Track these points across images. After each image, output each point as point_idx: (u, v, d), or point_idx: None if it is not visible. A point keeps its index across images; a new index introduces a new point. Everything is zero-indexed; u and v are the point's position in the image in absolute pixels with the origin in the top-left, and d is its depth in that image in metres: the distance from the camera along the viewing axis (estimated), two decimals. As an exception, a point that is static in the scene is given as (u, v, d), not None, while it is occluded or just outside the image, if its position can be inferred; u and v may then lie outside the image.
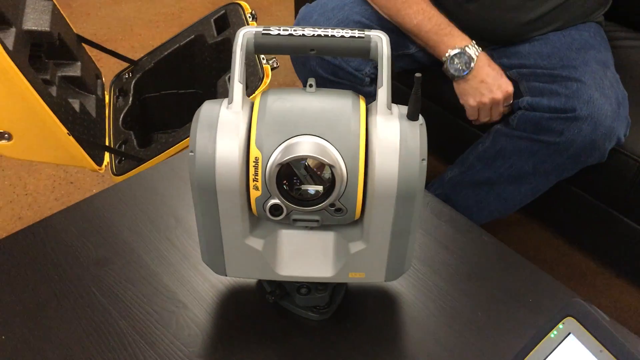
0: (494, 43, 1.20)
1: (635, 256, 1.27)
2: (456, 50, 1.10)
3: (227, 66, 1.27)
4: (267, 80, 1.17)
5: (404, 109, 0.63)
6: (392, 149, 0.60)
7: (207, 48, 1.37)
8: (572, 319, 0.63)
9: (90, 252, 0.85)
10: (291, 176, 0.60)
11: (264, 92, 0.64)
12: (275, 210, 0.62)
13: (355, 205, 0.62)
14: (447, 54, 1.11)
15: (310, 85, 0.64)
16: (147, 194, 0.94)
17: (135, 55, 1.62)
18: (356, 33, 0.63)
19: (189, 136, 1.23)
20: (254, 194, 0.62)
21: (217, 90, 1.27)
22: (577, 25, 1.15)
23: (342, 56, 0.72)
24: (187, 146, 1.24)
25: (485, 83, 1.10)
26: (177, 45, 1.41)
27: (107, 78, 1.60)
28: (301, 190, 0.60)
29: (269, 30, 0.63)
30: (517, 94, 1.13)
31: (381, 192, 0.61)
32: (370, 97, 1.27)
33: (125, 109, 1.36)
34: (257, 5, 2.52)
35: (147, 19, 2.44)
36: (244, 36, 0.63)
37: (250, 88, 1.19)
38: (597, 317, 0.62)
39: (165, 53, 1.42)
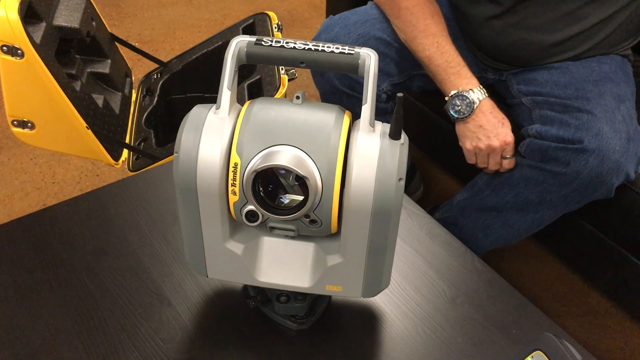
0: (513, 65, 1.19)
1: (647, 299, 1.23)
2: (459, 92, 1.09)
3: (248, 73, 1.29)
4: (282, 90, 1.19)
5: (388, 127, 0.64)
6: (369, 166, 0.61)
7: (233, 55, 1.40)
8: (541, 353, 0.63)
9: (88, 242, 0.88)
10: (267, 184, 0.61)
11: (252, 101, 0.66)
12: (251, 216, 0.64)
13: (330, 218, 0.63)
14: (450, 94, 1.10)
15: (298, 97, 0.65)
16: (150, 191, 0.97)
17: (173, 58, 1.67)
18: (346, 49, 0.64)
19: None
20: (232, 199, 0.63)
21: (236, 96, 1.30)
22: (598, 57, 1.13)
23: (330, 71, 0.73)
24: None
25: (484, 129, 1.09)
26: (205, 50, 1.44)
27: (141, 77, 1.65)
28: (275, 198, 0.61)
29: (262, 40, 0.64)
30: (529, 121, 1.12)
31: (356, 208, 0.62)
32: (387, 114, 1.27)
33: (150, 108, 1.40)
34: (298, 17, 2.56)
35: (190, 24, 2.50)
36: (236, 45, 0.64)
37: (267, 95, 1.21)
38: (565, 353, 0.61)
39: (194, 57, 1.46)
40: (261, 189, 0.61)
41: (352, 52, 0.64)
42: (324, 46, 0.64)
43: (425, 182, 1.64)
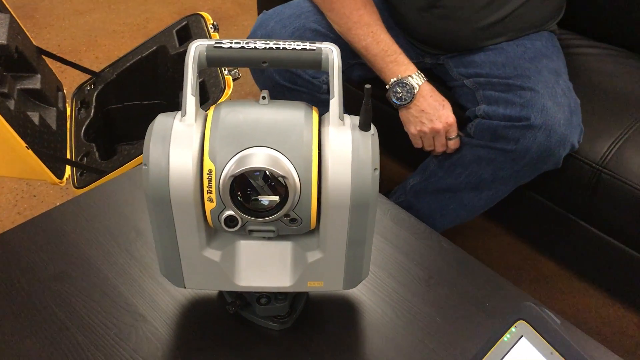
0: (450, 51, 1.22)
1: (594, 259, 1.30)
2: (399, 79, 1.12)
3: (189, 77, 1.27)
4: (228, 91, 1.17)
5: (357, 119, 0.64)
6: (344, 160, 0.61)
7: (169, 59, 1.37)
8: (524, 322, 0.65)
9: (48, 267, 0.84)
10: (245, 187, 0.60)
11: (217, 105, 0.65)
12: (230, 221, 0.63)
13: (309, 215, 0.63)
14: (390, 82, 1.13)
15: (264, 97, 0.64)
16: (106, 207, 0.94)
17: (100, 67, 1.61)
18: (307, 45, 0.64)
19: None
20: (209, 206, 0.62)
21: (180, 101, 1.27)
22: (529, 35, 1.18)
23: (294, 68, 0.73)
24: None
25: (426, 113, 1.12)
26: (140, 56, 1.41)
27: (70, 90, 1.59)
28: (255, 201, 0.61)
29: (221, 43, 0.63)
30: (473, 102, 1.15)
31: (335, 202, 0.62)
32: (328, 105, 1.28)
33: (87, 121, 1.35)
34: (223, 16, 2.52)
35: (111, 30, 2.42)
36: (196, 49, 0.63)
37: (212, 99, 1.19)
38: (547, 320, 0.64)
39: (128, 64, 1.42)
40: (239, 193, 0.61)
41: (314, 47, 0.64)
42: (284, 44, 0.64)
43: (372, 169, 1.66)
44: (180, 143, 0.61)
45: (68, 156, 1.28)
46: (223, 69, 1.21)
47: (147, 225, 0.90)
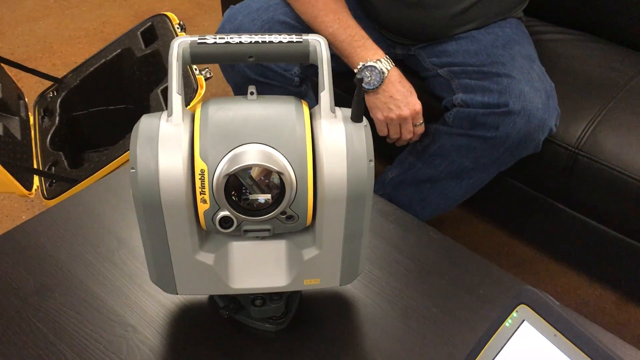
0: (421, 41, 1.22)
1: (572, 240, 1.32)
2: (368, 64, 1.11)
3: (157, 79, 1.23)
4: (201, 91, 1.15)
5: (347, 111, 0.63)
6: (339, 152, 0.60)
7: (135, 61, 1.33)
8: (525, 306, 0.65)
9: (28, 282, 0.80)
10: (240, 186, 0.58)
11: (204, 103, 0.62)
12: (225, 222, 0.61)
13: (306, 211, 0.61)
14: (358, 66, 1.11)
15: (252, 93, 0.63)
16: (84, 216, 0.90)
17: (58, 73, 1.56)
18: (294, 38, 0.62)
19: (123, 153, 1.19)
20: (202, 207, 0.60)
21: (149, 103, 1.24)
22: (498, 22, 1.19)
23: (281, 62, 0.72)
24: (123, 163, 1.20)
25: (394, 99, 1.11)
26: (104, 60, 1.36)
27: (29, 98, 1.53)
28: (250, 200, 0.59)
29: (205, 39, 0.61)
30: (449, 91, 1.15)
31: (331, 196, 0.61)
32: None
33: (53, 129, 1.30)
34: (183, 17, 2.47)
35: (67, 35, 2.35)
36: (179, 46, 0.61)
37: (184, 100, 1.16)
38: (548, 302, 0.63)
39: (92, 69, 1.37)
40: (233, 192, 0.59)
41: (301, 40, 0.62)
42: (271, 37, 0.62)
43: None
44: (168, 144, 0.59)
45: (35, 166, 1.23)
46: (194, 68, 1.18)
47: (128, 233, 0.87)
